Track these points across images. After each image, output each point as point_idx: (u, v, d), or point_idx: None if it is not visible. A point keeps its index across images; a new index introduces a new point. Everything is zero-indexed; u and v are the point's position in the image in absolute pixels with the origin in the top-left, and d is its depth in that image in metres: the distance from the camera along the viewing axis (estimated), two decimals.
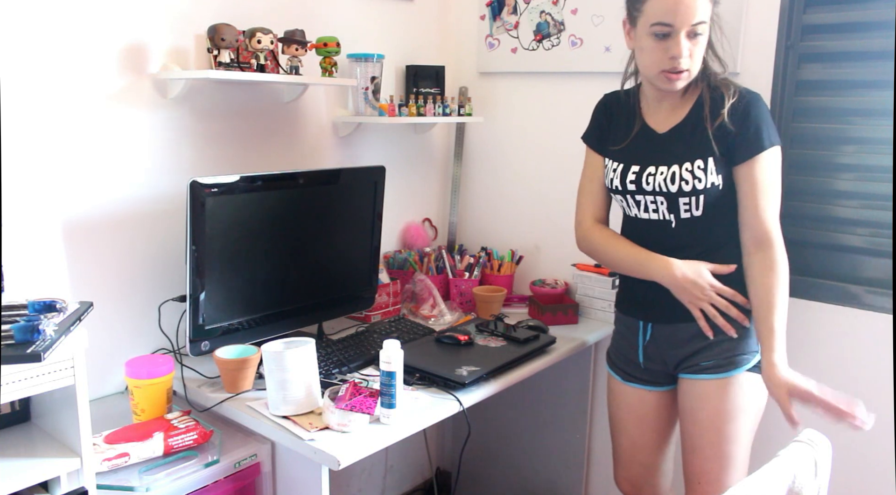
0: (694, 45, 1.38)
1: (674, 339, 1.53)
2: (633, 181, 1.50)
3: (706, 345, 1.48)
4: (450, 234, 2.45)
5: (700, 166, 1.43)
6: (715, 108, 1.43)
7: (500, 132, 2.36)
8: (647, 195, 1.49)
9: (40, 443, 1.25)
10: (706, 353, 1.48)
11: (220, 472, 1.42)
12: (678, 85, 1.42)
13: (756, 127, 1.40)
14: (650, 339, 1.56)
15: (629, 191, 1.51)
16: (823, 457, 1.14)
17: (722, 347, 1.47)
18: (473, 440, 2.43)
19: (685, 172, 1.43)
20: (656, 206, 1.49)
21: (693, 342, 1.49)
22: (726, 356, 1.47)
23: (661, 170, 1.46)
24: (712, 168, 1.42)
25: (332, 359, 1.67)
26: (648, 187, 1.48)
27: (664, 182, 1.45)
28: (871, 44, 1.65)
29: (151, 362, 1.51)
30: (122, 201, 1.65)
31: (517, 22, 2.23)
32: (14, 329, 1.11)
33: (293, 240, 1.76)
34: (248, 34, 1.68)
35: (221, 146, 1.82)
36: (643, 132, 1.53)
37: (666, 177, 1.45)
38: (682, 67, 1.38)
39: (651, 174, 1.47)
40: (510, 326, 1.88)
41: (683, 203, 1.46)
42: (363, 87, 2.03)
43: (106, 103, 1.58)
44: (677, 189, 1.44)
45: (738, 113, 1.41)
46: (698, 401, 1.49)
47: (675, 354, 1.53)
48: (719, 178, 1.43)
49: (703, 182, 1.42)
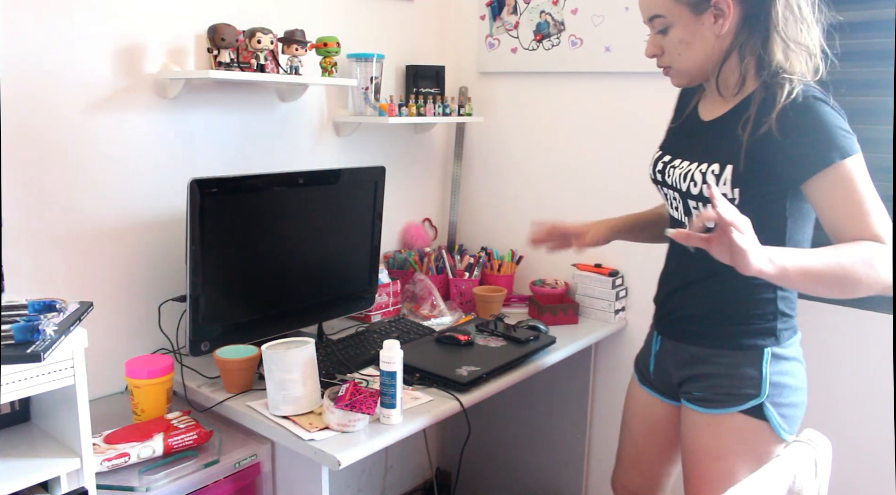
0: (665, 42, 1.29)
1: (676, 357, 1.44)
2: (660, 170, 1.41)
3: (700, 375, 1.37)
4: (450, 234, 2.45)
5: (714, 172, 1.26)
6: (760, 111, 1.23)
7: (500, 132, 2.36)
8: (669, 189, 1.39)
9: (40, 443, 1.24)
10: (698, 383, 1.38)
11: (220, 472, 1.42)
12: (673, 82, 1.36)
13: (815, 137, 1.17)
14: (660, 350, 1.50)
15: (657, 181, 1.42)
16: (823, 457, 1.14)
17: (715, 382, 1.35)
18: (473, 440, 2.43)
19: (697, 173, 1.29)
20: (676, 205, 1.37)
21: (691, 366, 1.40)
22: (716, 391, 1.34)
23: (683, 165, 1.34)
24: (727, 178, 1.24)
25: (332, 359, 1.67)
26: (669, 180, 1.37)
27: (679, 178, 1.33)
28: (871, 44, 1.65)
29: (151, 362, 1.51)
30: (123, 201, 1.65)
31: (517, 22, 2.23)
32: (14, 329, 1.11)
33: (293, 240, 1.75)
34: (248, 34, 1.68)
35: (221, 146, 1.82)
36: (690, 118, 1.42)
37: (683, 172, 1.32)
38: (660, 64, 1.34)
39: (674, 166, 1.36)
40: (510, 326, 1.88)
41: (693, 207, 1.32)
42: (363, 87, 2.03)
43: (106, 103, 1.58)
44: (686, 189, 1.32)
45: (790, 120, 1.19)
46: (688, 432, 1.41)
47: (677, 373, 1.44)
48: (734, 192, 1.24)
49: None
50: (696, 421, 1.39)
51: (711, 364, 1.36)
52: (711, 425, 1.36)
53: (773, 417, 1.31)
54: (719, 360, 1.35)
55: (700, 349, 1.38)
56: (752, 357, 1.32)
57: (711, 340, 1.36)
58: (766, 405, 1.30)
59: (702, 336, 1.38)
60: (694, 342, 1.39)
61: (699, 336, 1.38)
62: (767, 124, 1.20)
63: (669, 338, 1.46)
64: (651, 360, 1.53)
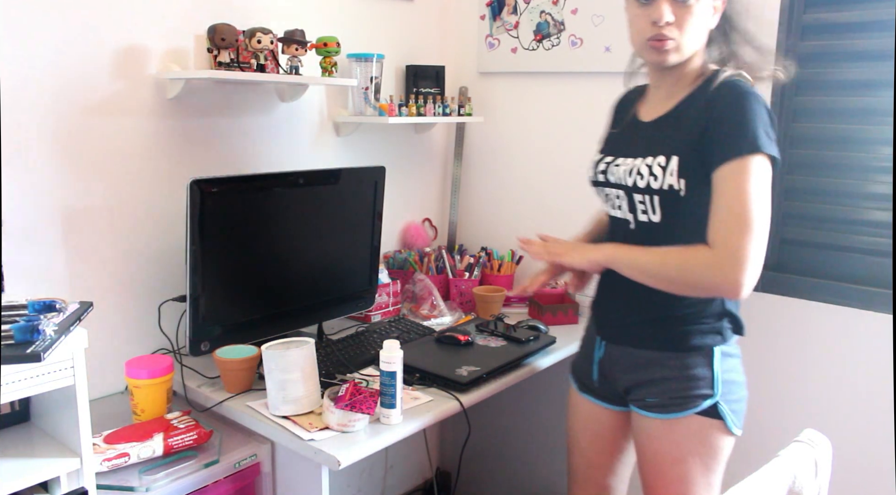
0: (683, 13, 1.24)
1: (623, 363, 1.41)
2: (602, 171, 1.41)
3: (652, 379, 1.36)
4: (450, 234, 2.45)
5: (661, 164, 1.27)
6: (700, 101, 1.27)
7: (500, 132, 2.36)
8: (611, 188, 1.39)
9: (40, 443, 1.24)
10: (652, 388, 1.36)
11: (220, 472, 1.42)
12: (667, 58, 1.28)
13: (735, 125, 1.20)
14: (604, 356, 1.46)
15: (599, 182, 1.42)
16: (823, 457, 1.14)
17: (669, 386, 1.34)
18: (473, 440, 2.43)
19: (644, 167, 1.29)
20: (620, 203, 1.38)
21: (640, 371, 1.38)
22: (672, 395, 1.34)
23: (626, 162, 1.34)
24: (674, 168, 1.25)
25: (332, 359, 1.67)
26: (612, 179, 1.38)
27: (625, 174, 1.33)
28: (871, 44, 1.65)
29: (151, 362, 1.51)
30: (123, 201, 1.65)
31: (517, 22, 2.23)
32: (14, 329, 1.11)
33: (293, 240, 1.76)
34: (248, 34, 1.68)
35: (221, 146, 1.82)
36: (630, 122, 1.43)
37: (627, 169, 1.33)
38: (666, 34, 1.25)
39: (617, 165, 1.36)
40: (510, 326, 1.88)
41: (639, 201, 1.32)
42: (363, 87, 2.03)
43: (106, 103, 1.58)
44: (632, 183, 1.31)
45: (719, 107, 1.23)
46: (645, 439, 1.40)
47: (625, 379, 1.41)
48: (681, 183, 1.25)
49: (660, 181, 1.27)
50: (651, 427, 1.38)
51: (663, 367, 1.35)
52: (668, 430, 1.35)
53: (726, 414, 1.33)
54: (671, 363, 1.34)
55: (650, 352, 1.37)
56: (703, 357, 1.33)
57: (662, 343, 1.35)
58: (720, 403, 1.32)
59: (652, 339, 1.37)
60: (643, 346, 1.38)
61: (649, 339, 1.37)
62: (707, 115, 1.24)
63: (616, 343, 1.43)
64: (594, 367, 1.49)
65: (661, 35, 1.26)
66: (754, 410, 1.89)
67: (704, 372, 1.33)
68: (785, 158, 1.79)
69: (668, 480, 1.37)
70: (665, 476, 1.37)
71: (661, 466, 1.37)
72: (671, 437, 1.35)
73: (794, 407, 1.83)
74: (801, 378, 1.81)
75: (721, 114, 1.22)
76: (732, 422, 1.34)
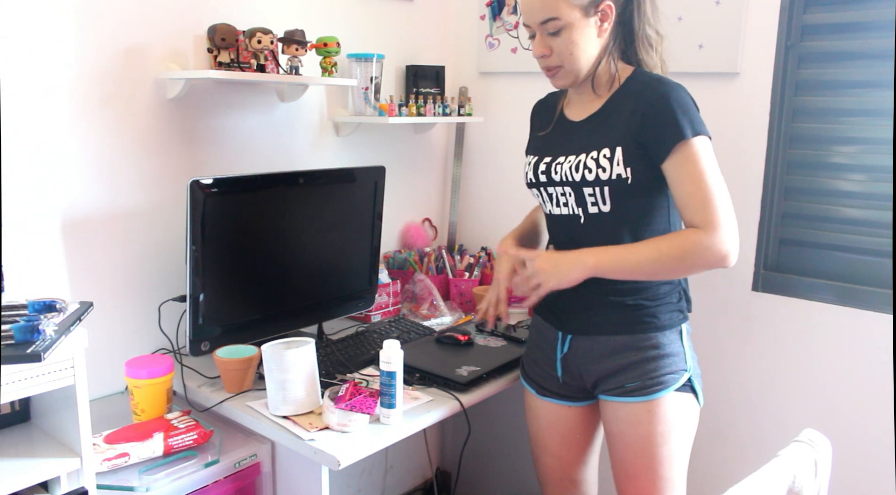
0: (557, 44, 1.34)
1: (593, 353, 1.42)
2: (543, 171, 1.43)
3: (628, 364, 1.38)
4: (450, 234, 2.45)
5: (606, 155, 1.33)
6: (628, 97, 1.35)
7: (500, 132, 2.36)
8: (556, 186, 1.41)
9: (40, 443, 1.25)
10: (629, 373, 1.38)
11: (220, 472, 1.42)
12: (559, 82, 1.40)
13: (671, 117, 1.28)
14: (568, 351, 1.46)
15: (541, 182, 1.44)
16: (823, 457, 1.14)
17: (647, 367, 1.37)
18: (473, 440, 2.42)
19: (590, 161, 1.34)
20: (566, 199, 1.41)
21: (613, 357, 1.40)
22: (652, 376, 1.37)
23: (569, 159, 1.38)
24: (619, 158, 1.32)
25: (332, 359, 1.67)
26: (557, 177, 1.40)
27: (570, 170, 1.37)
28: (871, 44, 1.65)
29: (151, 362, 1.51)
30: (123, 201, 1.65)
31: (517, 22, 2.23)
32: (14, 329, 1.11)
33: (293, 240, 1.76)
34: (248, 34, 1.68)
35: (221, 146, 1.82)
36: (560, 123, 1.48)
37: (572, 165, 1.37)
38: (550, 64, 1.37)
39: (560, 163, 1.40)
40: (510, 326, 1.88)
41: (589, 194, 1.36)
42: (363, 87, 2.03)
43: (106, 103, 1.58)
44: (581, 178, 1.35)
45: (652, 103, 1.31)
46: (628, 426, 1.40)
47: (594, 370, 1.43)
48: (627, 171, 1.32)
49: (608, 172, 1.32)
50: (634, 412, 1.40)
51: (638, 349, 1.39)
52: (652, 412, 1.38)
53: (697, 387, 1.42)
54: (646, 344, 1.39)
55: (623, 337, 1.40)
56: (675, 334, 1.41)
57: (633, 326, 1.39)
58: (692, 378, 1.41)
59: (622, 323, 1.40)
60: (615, 331, 1.40)
61: (619, 324, 1.40)
62: (640, 111, 1.32)
63: (585, 334, 1.44)
64: (557, 366, 1.49)
65: (547, 65, 1.38)
66: (754, 410, 1.90)
67: (678, 349, 1.40)
68: (785, 158, 1.80)
69: (655, 462, 1.40)
70: (653, 458, 1.40)
71: (647, 449, 1.40)
72: (656, 418, 1.38)
73: (794, 407, 1.83)
74: (801, 378, 1.81)
75: (654, 110, 1.31)
76: (700, 395, 1.42)
